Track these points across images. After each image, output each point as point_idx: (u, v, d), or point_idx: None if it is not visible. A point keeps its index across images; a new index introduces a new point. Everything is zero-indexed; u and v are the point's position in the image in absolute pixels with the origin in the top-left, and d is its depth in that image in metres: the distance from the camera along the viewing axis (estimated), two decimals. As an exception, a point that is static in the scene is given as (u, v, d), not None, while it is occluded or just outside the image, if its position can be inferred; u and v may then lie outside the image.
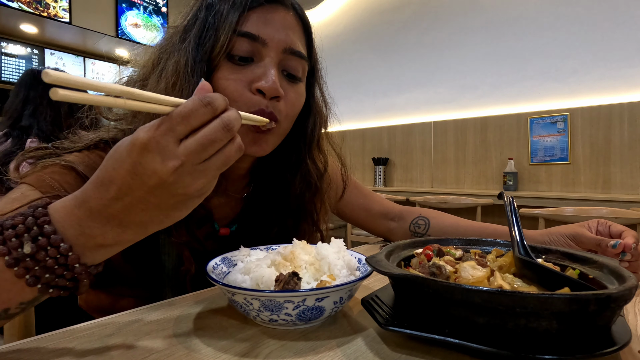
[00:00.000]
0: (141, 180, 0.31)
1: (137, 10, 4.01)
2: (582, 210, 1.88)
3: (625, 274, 0.36)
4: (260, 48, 0.52)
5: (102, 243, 0.34)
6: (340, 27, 3.92)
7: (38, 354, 0.35)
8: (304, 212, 0.68)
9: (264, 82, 0.51)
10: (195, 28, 0.53)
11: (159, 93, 0.45)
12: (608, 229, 0.60)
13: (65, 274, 0.33)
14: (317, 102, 0.65)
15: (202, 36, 0.52)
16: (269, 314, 0.38)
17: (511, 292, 0.31)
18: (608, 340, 0.31)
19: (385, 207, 0.87)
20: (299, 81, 0.58)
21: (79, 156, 0.53)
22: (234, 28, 0.51)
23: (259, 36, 0.51)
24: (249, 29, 0.51)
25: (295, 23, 0.56)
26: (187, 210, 0.35)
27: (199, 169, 0.32)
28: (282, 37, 0.53)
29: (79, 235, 0.33)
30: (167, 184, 0.31)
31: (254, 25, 0.51)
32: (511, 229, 0.48)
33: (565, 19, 2.64)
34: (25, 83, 1.30)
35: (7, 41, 3.38)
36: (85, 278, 0.34)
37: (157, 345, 0.37)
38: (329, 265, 0.45)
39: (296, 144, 0.64)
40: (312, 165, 0.66)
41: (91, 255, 0.35)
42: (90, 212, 0.33)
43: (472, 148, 3.08)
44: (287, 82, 0.56)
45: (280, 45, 0.53)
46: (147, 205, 0.33)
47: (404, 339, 0.38)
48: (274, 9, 0.53)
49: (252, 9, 0.52)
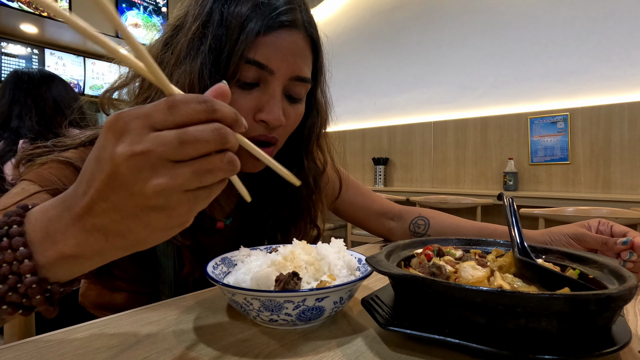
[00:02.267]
0: (100, 168, 0.26)
1: (137, 10, 4.02)
2: (582, 210, 1.88)
3: (625, 274, 0.36)
4: (267, 76, 0.52)
5: (62, 251, 0.29)
6: (340, 27, 3.92)
7: (38, 354, 0.35)
8: (301, 209, 0.68)
9: (268, 115, 0.51)
10: (207, 41, 0.50)
11: None
12: (610, 229, 0.59)
13: (18, 287, 0.28)
14: (318, 102, 0.65)
15: (214, 56, 0.50)
16: (269, 314, 0.38)
17: (511, 292, 0.31)
18: (608, 340, 0.31)
19: (384, 206, 0.87)
20: (301, 101, 0.58)
21: (76, 152, 0.53)
22: (243, 55, 0.49)
23: (267, 66, 0.50)
24: (257, 58, 0.50)
25: (304, 46, 0.54)
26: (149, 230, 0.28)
27: (166, 166, 0.25)
28: (290, 66, 0.52)
29: (42, 239, 0.29)
30: (121, 175, 0.25)
31: (263, 54, 0.50)
32: (511, 231, 0.48)
33: (565, 19, 2.64)
34: (11, 84, 1.29)
35: (7, 41, 3.38)
36: (37, 294, 0.29)
37: (157, 345, 0.37)
38: (329, 265, 0.45)
39: (295, 143, 0.65)
40: (310, 164, 0.66)
41: (52, 268, 0.29)
42: (62, 212, 0.29)
43: (472, 148, 3.08)
44: (289, 104, 0.56)
45: (287, 74, 0.53)
46: (107, 205, 0.27)
47: (404, 339, 0.38)
48: (285, 34, 0.51)
49: (264, 34, 0.50)
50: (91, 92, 3.83)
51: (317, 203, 0.69)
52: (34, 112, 1.26)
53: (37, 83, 1.30)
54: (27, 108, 1.26)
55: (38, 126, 1.24)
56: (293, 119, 0.57)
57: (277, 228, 0.68)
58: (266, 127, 0.53)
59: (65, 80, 1.41)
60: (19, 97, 1.27)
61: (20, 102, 1.26)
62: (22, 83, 1.29)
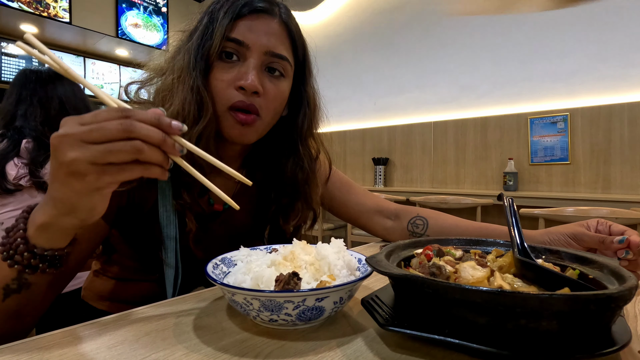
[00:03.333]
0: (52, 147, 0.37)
1: (137, 10, 4.02)
2: (582, 211, 1.88)
3: (625, 274, 0.36)
4: (245, 51, 0.61)
5: (36, 222, 0.41)
6: (341, 28, 3.92)
7: (38, 354, 0.35)
8: (298, 192, 0.74)
9: (244, 81, 0.59)
10: (198, 32, 0.62)
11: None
12: (608, 229, 0.60)
13: (18, 249, 0.41)
14: (308, 95, 0.72)
15: (202, 39, 0.61)
16: (269, 314, 0.38)
17: (511, 292, 0.31)
18: (608, 340, 0.31)
19: (380, 204, 0.87)
20: (282, 78, 0.65)
21: None
22: (224, 34, 0.59)
23: (243, 41, 0.60)
24: (235, 35, 0.60)
25: (279, 29, 0.63)
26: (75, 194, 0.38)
27: (79, 144, 0.35)
28: (264, 42, 0.61)
29: (31, 219, 0.42)
30: (53, 150, 0.36)
31: (240, 32, 0.60)
32: (511, 231, 0.48)
33: (565, 19, 2.64)
34: (18, 83, 1.29)
35: (7, 41, 3.38)
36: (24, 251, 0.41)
37: (157, 345, 0.37)
38: (329, 265, 0.45)
39: (289, 132, 0.72)
40: (305, 150, 0.74)
41: (34, 237, 0.41)
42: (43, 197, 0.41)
43: (472, 148, 3.08)
44: (269, 79, 0.63)
45: (261, 48, 0.61)
46: (52, 178, 0.38)
47: (404, 339, 0.38)
48: (259, 17, 0.62)
49: (240, 18, 0.61)
50: (91, 92, 3.83)
51: (312, 186, 0.76)
52: (39, 112, 1.26)
53: (44, 81, 1.30)
54: (33, 108, 1.25)
55: (42, 126, 1.24)
56: (273, 93, 0.63)
57: (279, 212, 0.75)
58: (245, 94, 0.60)
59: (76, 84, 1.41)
60: (25, 96, 1.26)
61: (26, 101, 1.26)
62: (29, 82, 1.29)
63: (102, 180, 0.37)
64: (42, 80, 1.30)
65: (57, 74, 1.35)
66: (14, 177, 1.15)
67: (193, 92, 0.58)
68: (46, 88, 1.29)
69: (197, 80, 0.59)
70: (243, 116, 0.60)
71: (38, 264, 0.43)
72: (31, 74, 1.31)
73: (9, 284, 0.43)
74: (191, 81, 0.59)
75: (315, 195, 0.76)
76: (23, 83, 1.29)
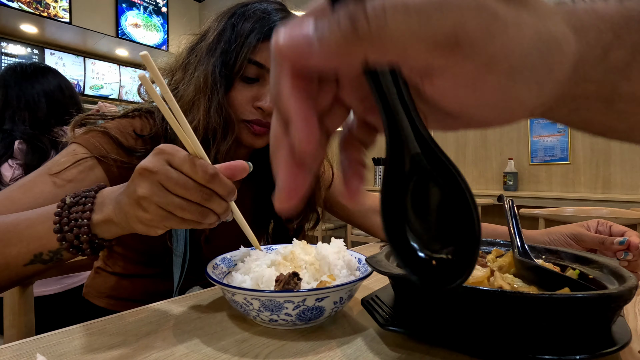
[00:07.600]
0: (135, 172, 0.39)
1: (137, 10, 4.01)
2: (582, 210, 1.88)
3: (625, 274, 0.36)
4: (265, 74, 0.64)
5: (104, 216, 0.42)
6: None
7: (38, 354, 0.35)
8: None
9: (263, 102, 0.63)
10: (220, 47, 0.64)
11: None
12: (609, 229, 0.60)
13: (74, 230, 0.42)
14: None
15: (226, 56, 0.63)
16: (269, 314, 0.38)
17: (511, 292, 0.31)
18: (608, 340, 0.31)
19: (377, 203, 0.87)
20: None
21: (113, 123, 0.64)
22: (247, 57, 0.62)
23: (265, 65, 0.63)
24: (257, 59, 0.63)
25: None
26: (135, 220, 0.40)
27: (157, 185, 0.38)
28: None
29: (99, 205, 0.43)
30: (135, 175, 0.38)
31: (262, 56, 0.63)
32: (511, 233, 0.48)
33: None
34: (4, 82, 1.24)
35: (7, 41, 3.38)
36: (84, 234, 0.42)
37: (157, 345, 0.37)
38: (329, 265, 0.45)
39: None
40: None
41: (98, 226, 0.42)
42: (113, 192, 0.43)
43: (472, 148, 3.08)
44: None
45: None
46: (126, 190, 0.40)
47: (404, 339, 0.38)
48: None
49: (264, 41, 0.63)
50: (91, 92, 3.83)
51: (316, 189, 0.77)
52: (27, 116, 1.22)
53: (29, 76, 1.26)
54: (20, 112, 1.21)
55: (32, 129, 1.21)
56: None
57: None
58: (262, 113, 0.64)
59: (64, 77, 1.35)
60: (11, 98, 1.23)
61: (12, 104, 1.21)
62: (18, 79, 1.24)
63: (161, 223, 0.39)
64: (28, 76, 1.26)
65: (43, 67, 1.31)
66: (10, 179, 1.14)
67: (219, 113, 0.62)
68: (33, 85, 1.25)
69: (221, 98, 0.62)
70: (258, 128, 0.65)
71: (87, 248, 0.43)
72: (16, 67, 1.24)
73: (43, 253, 0.43)
74: (216, 99, 0.62)
75: (319, 197, 0.78)
76: (9, 83, 1.24)
